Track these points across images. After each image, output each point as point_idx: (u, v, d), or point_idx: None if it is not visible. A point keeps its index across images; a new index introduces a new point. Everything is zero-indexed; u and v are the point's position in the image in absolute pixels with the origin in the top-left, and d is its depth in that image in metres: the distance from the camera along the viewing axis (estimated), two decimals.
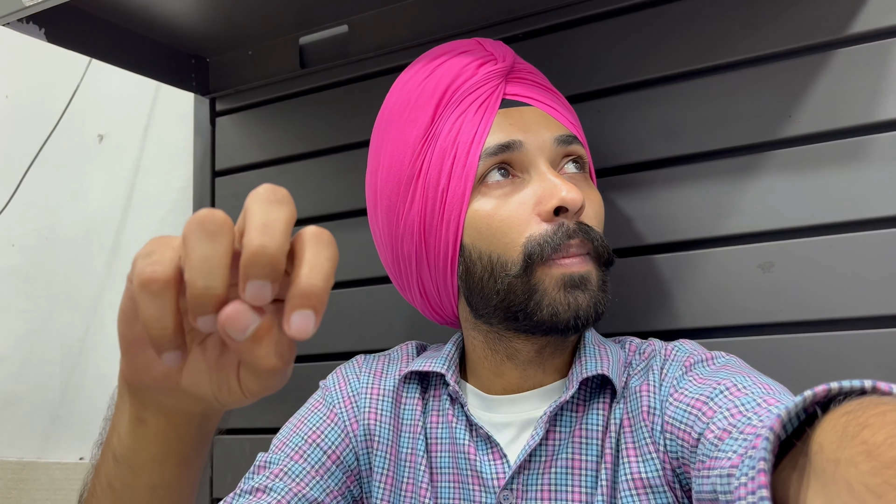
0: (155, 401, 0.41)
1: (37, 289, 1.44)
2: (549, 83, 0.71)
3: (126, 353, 0.39)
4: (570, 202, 0.60)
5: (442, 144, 0.65)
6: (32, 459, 1.38)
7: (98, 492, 0.45)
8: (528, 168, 0.63)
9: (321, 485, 0.67)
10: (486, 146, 0.63)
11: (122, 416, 0.42)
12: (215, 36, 1.08)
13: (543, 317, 0.61)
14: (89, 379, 1.36)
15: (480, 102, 0.65)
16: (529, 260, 0.61)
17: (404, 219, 0.67)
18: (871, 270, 0.72)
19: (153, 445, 0.42)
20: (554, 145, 0.64)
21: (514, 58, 0.70)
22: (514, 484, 0.63)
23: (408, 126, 0.67)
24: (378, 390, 0.72)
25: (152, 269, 0.33)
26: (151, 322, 0.33)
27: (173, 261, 0.33)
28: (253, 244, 0.31)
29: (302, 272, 0.32)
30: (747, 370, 0.58)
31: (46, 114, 1.43)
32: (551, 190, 0.61)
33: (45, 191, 1.45)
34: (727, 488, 0.44)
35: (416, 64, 0.72)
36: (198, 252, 0.32)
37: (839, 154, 0.75)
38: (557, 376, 0.67)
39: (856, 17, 0.75)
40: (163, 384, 0.39)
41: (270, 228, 0.32)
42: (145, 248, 0.34)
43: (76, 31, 0.95)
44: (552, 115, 0.66)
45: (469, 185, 0.63)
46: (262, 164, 1.11)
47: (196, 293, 0.32)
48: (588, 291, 0.61)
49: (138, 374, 0.39)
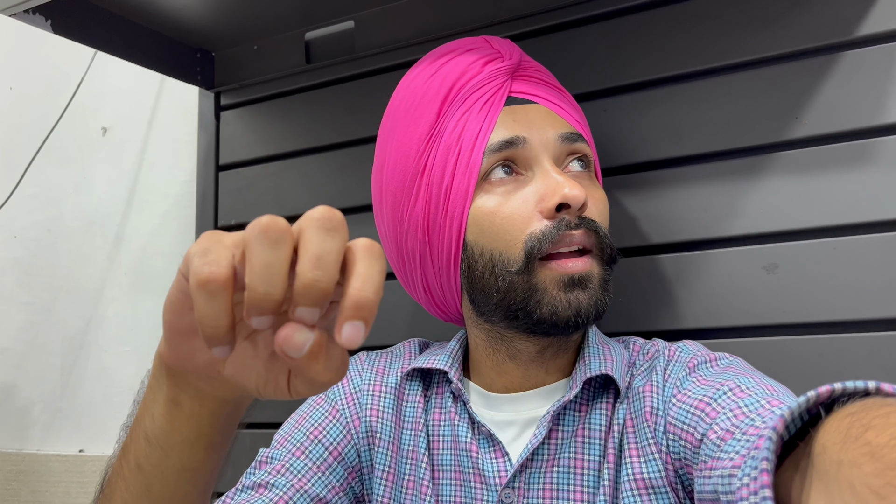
0: (193, 385, 0.42)
1: (39, 281, 1.44)
2: (557, 81, 0.71)
3: (170, 341, 0.40)
4: (572, 198, 0.60)
5: (446, 141, 0.65)
6: (32, 451, 1.38)
7: (125, 472, 0.45)
8: (531, 165, 0.63)
9: (323, 481, 0.67)
10: (490, 143, 0.63)
11: (156, 397, 0.43)
12: (221, 30, 1.08)
13: (543, 315, 0.61)
14: (90, 371, 1.36)
15: (486, 100, 0.65)
16: (530, 256, 0.61)
17: (408, 215, 0.67)
18: (875, 273, 0.72)
19: (186, 428, 0.43)
20: (558, 143, 0.64)
21: (521, 56, 0.70)
22: (516, 482, 0.63)
23: (413, 123, 0.67)
24: (380, 387, 0.72)
25: (210, 270, 0.34)
26: (207, 320, 0.34)
27: (229, 260, 0.35)
28: (306, 277, 0.33)
29: (354, 284, 0.34)
30: (751, 371, 0.58)
31: (50, 106, 1.43)
32: (554, 187, 0.61)
33: (49, 183, 1.45)
34: (728, 488, 0.44)
35: (422, 61, 0.71)
36: (260, 258, 0.33)
37: (845, 156, 0.74)
38: (560, 375, 0.67)
39: (863, 20, 0.75)
40: (204, 372, 0.41)
41: (323, 261, 0.33)
42: (200, 246, 0.35)
43: (82, 23, 0.95)
44: (558, 113, 0.66)
45: (472, 181, 0.63)
46: (266, 159, 1.11)
47: (256, 297, 0.33)
48: (589, 290, 0.61)
49: (181, 360, 0.41)
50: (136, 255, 1.34)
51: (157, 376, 0.43)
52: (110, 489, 0.46)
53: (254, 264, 0.33)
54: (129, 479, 0.45)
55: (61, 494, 1.32)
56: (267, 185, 1.10)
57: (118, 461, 0.46)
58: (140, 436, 0.44)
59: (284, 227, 0.34)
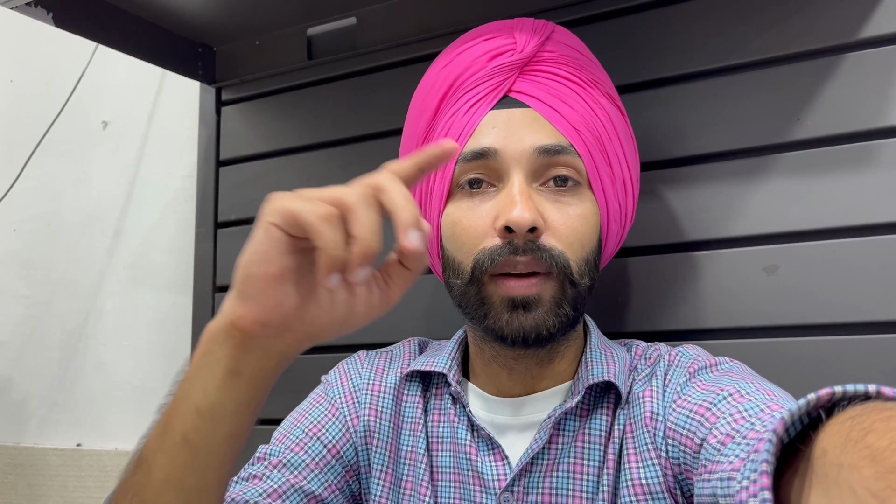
0: (261, 346, 0.46)
1: (37, 274, 1.44)
2: (583, 73, 0.65)
3: (260, 294, 0.44)
4: (515, 223, 0.58)
5: (434, 142, 0.64)
6: (30, 445, 1.38)
7: (167, 446, 0.46)
8: (502, 177, 0.62)
9: (320, 478, 0.67)
10: (464, 152, 0.62)
11: (212, 372, 0.46)
12: (223, 25, 1.07)
13: (491, 328, 0.61)
14: (88, 365, 1.36)
15: (475, 101, 0.63)
16: (475, 270, 0.61)
17: None
18: (875, 275, 0.72)
19: (242, 395, 0.46)
20: (535, 155, 0.61)
21: (541, 46, 0.65)
22: (516, 486, 0.63)
23: (418, 116, 0.68)
24: (379, 387, 0.72)
25: (328, 209, 0.42)
26: (334, 245, 0.41)
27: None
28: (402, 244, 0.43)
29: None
30: (751, 376, 0.58)
31: (51, 99, 1.43)
32: (506, 206, 0.59)
33: (48, 176, 1.45)
34: (727, 491, 0.44)
35: (448, 48, 0.70)
36: (366, 217, 0.42)
37: (847, 158, 0.74)
38: (560, 380, 0.66)
39: (866, 22, 0.75)
40: (286, 321, 0.45)
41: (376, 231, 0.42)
42: (290, 198, 0.43)
43: (83, 16, 0.95)
44: (549, 119, 0.62)
45: (446, 188, 0.63)
46: (266, 155, 1.11)
47: (363, 246, 0.41)
48: (533, 313, 0.59)
49: (267, 312, 0.44)
50: (135, 250, 1.34)
51: (213, 352, 0.46)
52: (147, 465, 0.47)
53: (363, 221, 0.42)
54: (172, 453, 0.46)
55: (58, 488, 1.32)
56: (267, 180, 1.10)
57: (157, 438, 0.47)
58: (190, 411, 0.46)
59: (375, 196, 0.44)
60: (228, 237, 1.12)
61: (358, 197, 0.43)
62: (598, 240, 0.65)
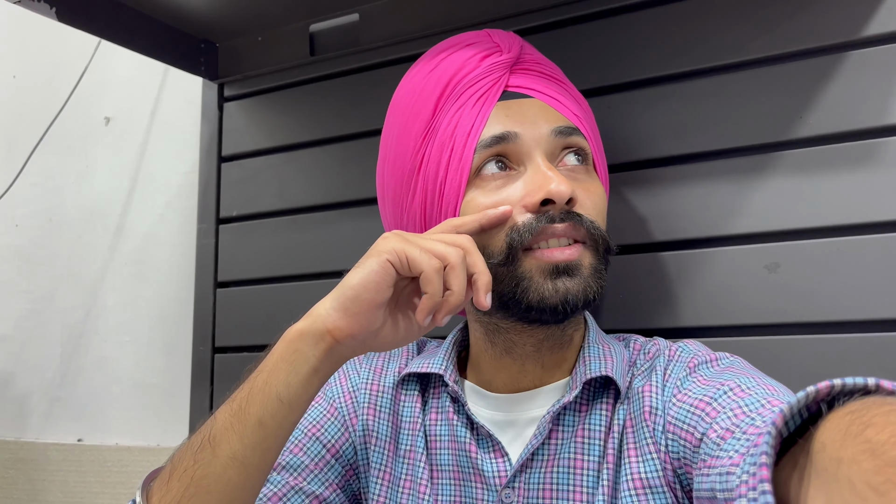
0: (341, 353, 0.55)
1: (39, 269, 1.44)
2: (560, 74, 0.71)
3: (359, 314, 0.53)
4: (556, 194, 0.59)
5: (440, 138, 0.65)
6: (31, 440, 1.38)
7: (239, 427, 0.52)
8: (523, 160, 0.63)
9: (320, 478, 0.67)
10: (482, 138, 0.63)
11: (297, 367, 0.53)
12: (226, 21, 1.07)
13: (531, 302, 0.60)
14: (89, 361, 1.36)
15: (480, 95, 0.65)
16: (511, 247, 0.61)
17: (408, 210, 0.68)
18: (876, 274, 0.72)
19: (314, 389, 0.55)
20: (551, 137, 0.63)
21: (522, 48, 0.69)
22: (516, 482, 0.63)
23: (411, 120, 0.68)
24: (377, 387, 0.72)
25: (438, 263, 0.54)
26: (438, 293, 0.54)
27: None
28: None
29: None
30: (752, 371, 0.58)
31: (54, 95, 1.43)
32: (541, 182, 0.60)
33: (51, 172, 1.45)
34: (726, 486, 0.44)
35: (423, 57, 0.71)
36: (461, 276, 0.54)
37: (849, 156, 0.74)
38: (559, 375, 0.67)
39: (869, 20, 0.74)
40: (369, 336, 0.55)
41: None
42: (407, 242, 0.54)
43: (86, 11, 0.95)
44: (554, 107, 0.65)
45: (465, 177, 0.63)
46: (269, 151, 1.11)
47: (457, 298, 0.54)
48: (577, 277, 0.60)
49: (361, 329, 0.54)
50: (137, 245, 1.34)
51: (301, 350, 0.53)
52: (216, 442, 0.52)
53: (460, 280, 0.54)
54: (244, 433, 0.52)
55: (59, 483, 1.32)
56: (269, 176, 1.10)
57: (229, 419, 0.53)
58: (271, 399, 0.53)
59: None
60: (230, 233, 1.12)
61: (457, 258, 0.54)
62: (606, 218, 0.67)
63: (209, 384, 1.11)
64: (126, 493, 1.25)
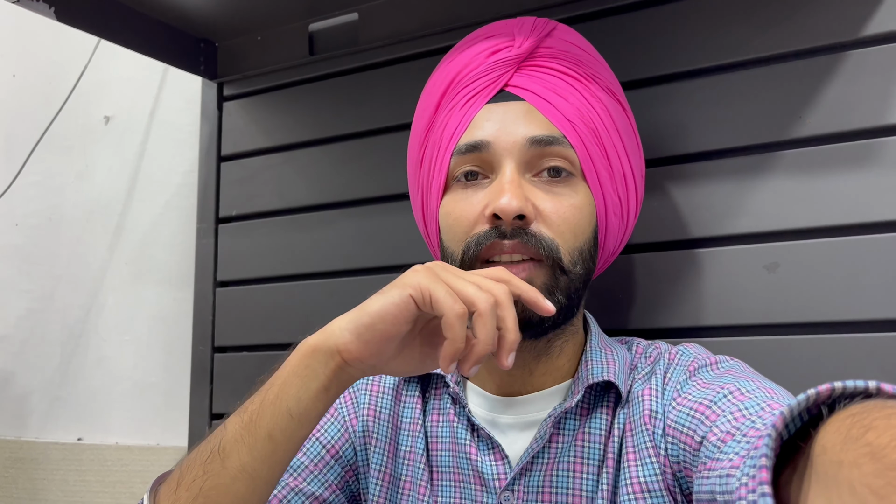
0: (350, 373, 0.53)
1: (39, 269, 1.44)
2: (582, 68, 0.66)
3: (371, 342, 0.51)
4: (501, 210, 0.59)
5: (434, 137, 0.66)
6: (31, 439, 1.38)
7: (249, 440, 0.52)
8: (495, 168, 0.63)
9: (320, 479, 0.67)
10: (458, 145, 0.64)
11: (308, 385, 0.52)
12: (225, 20, 1.07)
13: None
14: (89, 360, 1.36)
15: (471, 96, 0.64)
16: (465, 256, 0.62)
17: (416, 202, 0.71)
18: (875, 274, 0.72)
19: (324, 406, 0.54)
20: (526, 146, 0.62)
21: (541, 41, 0.66)
22: (516, 485, 0.63)
23: (422, 114, 0.69)
24: (378, 387, 0.72)
25: (463, 308, 0.49)
26: (461, 340, 0.49)
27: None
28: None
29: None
30: (751, 375, 0.58)
31: (53, 94, 1.43)
32: (495, 194, 0.60)
33: (50, 171, 1.45)
34: (726, 488, 0.44)
35: (455, 47, 0.72)
36: (490, 325, 0.49)
37: (848, 156, 0.74)
38: (552, 381, 0.66)
39: (869, 20, 0.74)
40: (380, 362, 0.53)
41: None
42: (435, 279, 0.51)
43: (85, 11, 0.95)
44: (543, 111, 0.63)
45: (443, 182, 0.65)
46: (268, 151, 1.11)
47: (484, 348, 0.49)
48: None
49: (371, 356, 0.52)
50: (136, 245, 1.34)
51: (312, 367, 0.53)
52: (226, 454, 0.52)
53: (488, 329, 0.49)
54: (254, 446, 0.52)
55: (59, 482, 1.32)
56: (269, 176, 1.10)
57: (239, 431, 0.52)
58: (281, 413, 0.52)
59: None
60: (229, 233, 1.12)
61: (487, 306, 0.49)
62: (594, 231, 0.65)
63: (209, 384, 1.11)
64: (126, 492, 1.25)
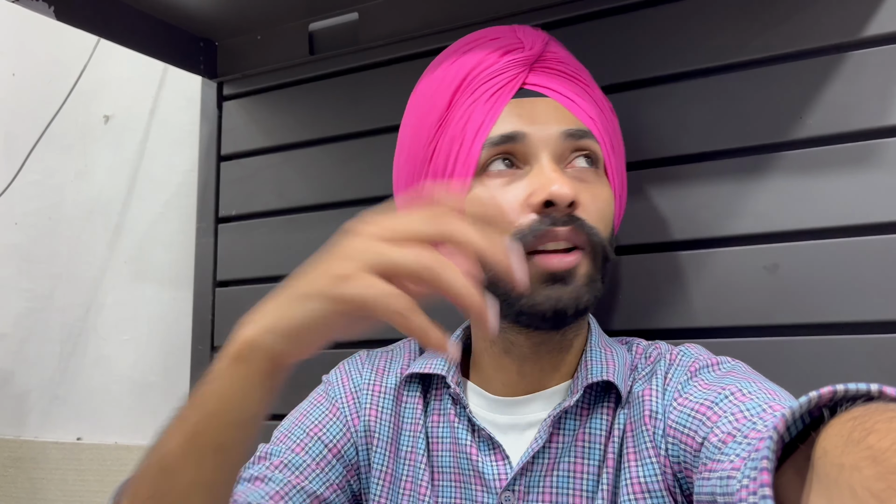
0: (292, 366, 0.49)
1: (39, 268, 1.44)
2: (584, 74, 0.69)
3: (309, 345, 0.47)
4: (557, 196, 0.59)
5: (451, 132, 0.65)
6: (30, 438, 1.38)
7: (196, 455, 0.48)
8: (530, 160, 0.63)
9: (321, 478, 0.67)
10: (491, 136, 0.63)
11: (250, 391, 0.48)
12: (225, 19, 1.07)
13: (523, 307, 0.60)
14: (89, 359, 1.36)
15: (494, 91, 0.64)
16: None
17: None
18: (876, 275, 0.72)
19: (270, 405, 0.50)
20: (561, 139, 0.63)
21: (547, 46, 0.68)
22: (516, 485, 0.63)
23: (428, 111, 0.68)
24: (380, 387, 0.72)
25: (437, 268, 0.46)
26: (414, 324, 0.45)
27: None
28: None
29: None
30: (753, 376, 0.58)
31: (53, 93, 1.43)
32: (543, 183, 0.60)
33: (50, 170, 1.45)
34: (727, 490, 0.44)
35: (448, 49, 0.71)
36: (457, 281, 0.47)
37: (848, 157, 0.74)
38: (558, 378, 0.66)
39: (869, 21, 0.74)
40: (318, 349, 0.48)
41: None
42: (368, 284, 0.45)
43: (85, 10, 0.94)
44: (568, 108, 0.65)
45: (471, 172, 0.63)
46: (268, 150, 1.10)
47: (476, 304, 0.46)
48: (571, 285, 0.60)
49: (311, 352, 0.48)
50: (136, 244, 1.34)
51: (251, 373, 0.48)
52: (172, 470, 0.48)
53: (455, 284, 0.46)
54: (203, 460, 0.48)
55: (58, 482, 1.32)
56: (268, 176, 1.10)
57: (184, 446, 0.48)
58: (225, 424, 0.48)
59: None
60: (229, 232, 1.12)
61: (438, 271, 0.46)
62: (613, 224, 0.67)
63: None
64: None
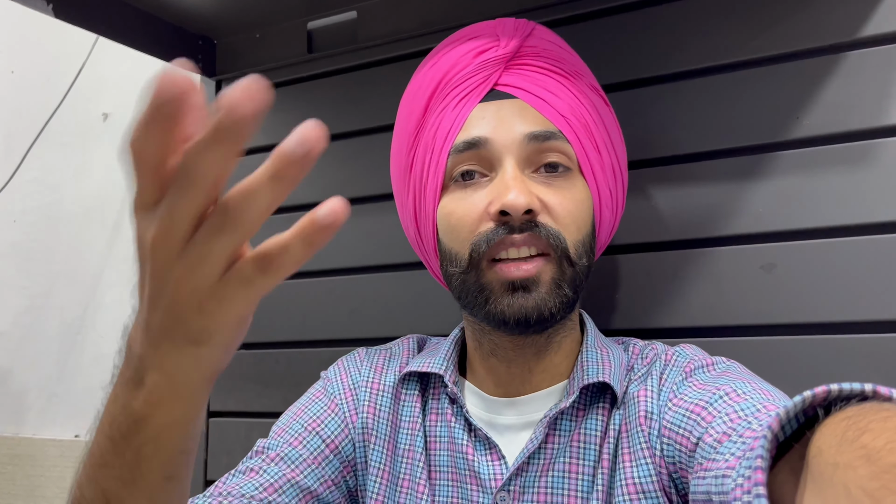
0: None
1: (37, 266, 1.44)
2: (566, 65, 0.67)
3: (235, 343, 0.39)
4: (510, 206, 0.59)
5: (425, 139, 0.65)
6: (28, 436, 1.38)
7: (148, 490, 0.41)
8: (494, 166, 0.63)
9: (316, 473, 0.67)
10: (455, 143, 0.63)
11: (194, 417, 0.41)
12: (224, 17, 1.07)
13: (490, 313, 0.61)
14: (87, 357, 1.36)
15: (463, 96, 0.64)
16: (472, 256, 0.61)
17: (405, 205, 0.69)
18: (872, 275, 0.72)
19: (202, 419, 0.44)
20: (525, 142, 0.62)
21: (525, 40, 0.67)
22: (512, 485, 0.63)
23: (408, 116, 0.68)
24: (378, 385, 0.72)
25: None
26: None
27: None
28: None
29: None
30: (748, 376, 0.58)
31: (51, 91, 1.43)
32: (501, 191, 0.60)
33: (49, 168, 1.44)
34: (721, 489, 0.44)
35: (434, 49, 0.71)
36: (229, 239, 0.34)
37: (845, 157, 0.74)
38: (550, 380, 0.67)
39: (867, 21, 0.74)
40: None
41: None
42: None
43: (83, 8, 0.94)
44: (537, 108, 0.63)
45: (440, 181, 0.64)
46: (266, 149, 1.10)
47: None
48: (533, 294, 0.60)
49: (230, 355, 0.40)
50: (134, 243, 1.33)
51: (196, 401, 0.40)
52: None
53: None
54: (154, 492, 0.41)
55: (56, 479, 1.32)
56: None
57: (129, 485, 0.41)
58: (174, 454, 0.41)
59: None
60: None
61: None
62: (593, 224, 0.66)
63: None
64: None
